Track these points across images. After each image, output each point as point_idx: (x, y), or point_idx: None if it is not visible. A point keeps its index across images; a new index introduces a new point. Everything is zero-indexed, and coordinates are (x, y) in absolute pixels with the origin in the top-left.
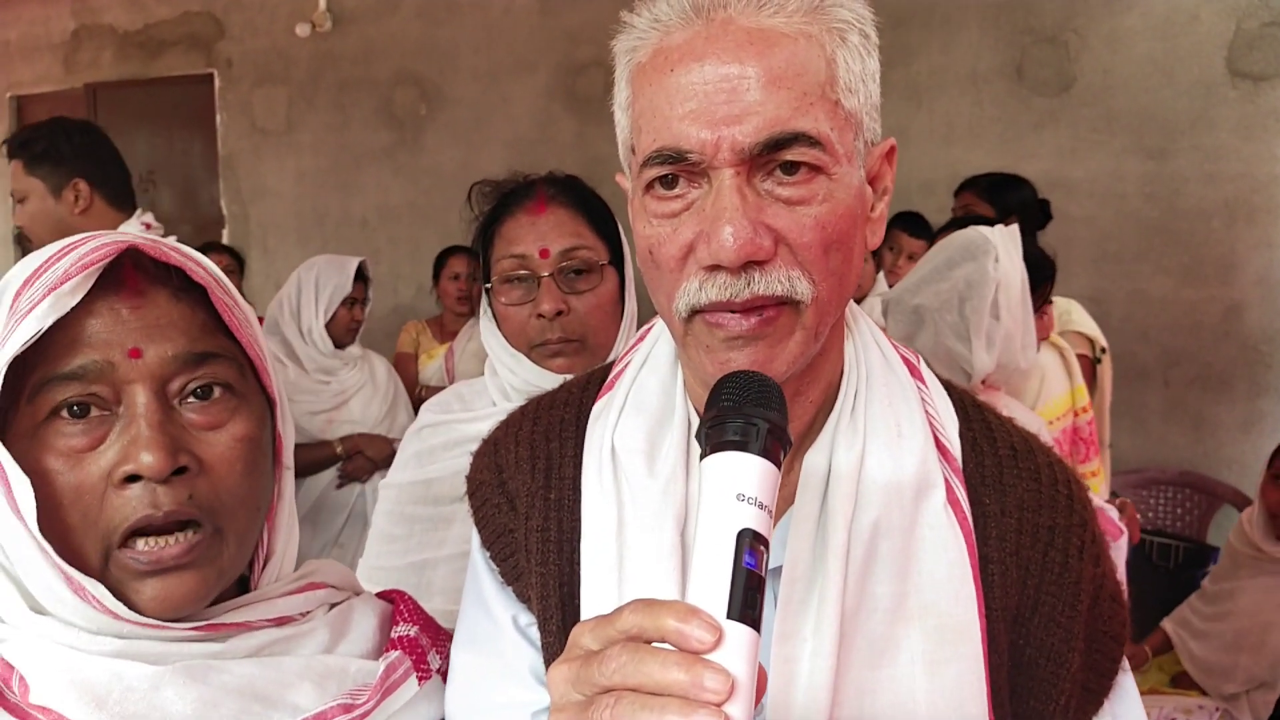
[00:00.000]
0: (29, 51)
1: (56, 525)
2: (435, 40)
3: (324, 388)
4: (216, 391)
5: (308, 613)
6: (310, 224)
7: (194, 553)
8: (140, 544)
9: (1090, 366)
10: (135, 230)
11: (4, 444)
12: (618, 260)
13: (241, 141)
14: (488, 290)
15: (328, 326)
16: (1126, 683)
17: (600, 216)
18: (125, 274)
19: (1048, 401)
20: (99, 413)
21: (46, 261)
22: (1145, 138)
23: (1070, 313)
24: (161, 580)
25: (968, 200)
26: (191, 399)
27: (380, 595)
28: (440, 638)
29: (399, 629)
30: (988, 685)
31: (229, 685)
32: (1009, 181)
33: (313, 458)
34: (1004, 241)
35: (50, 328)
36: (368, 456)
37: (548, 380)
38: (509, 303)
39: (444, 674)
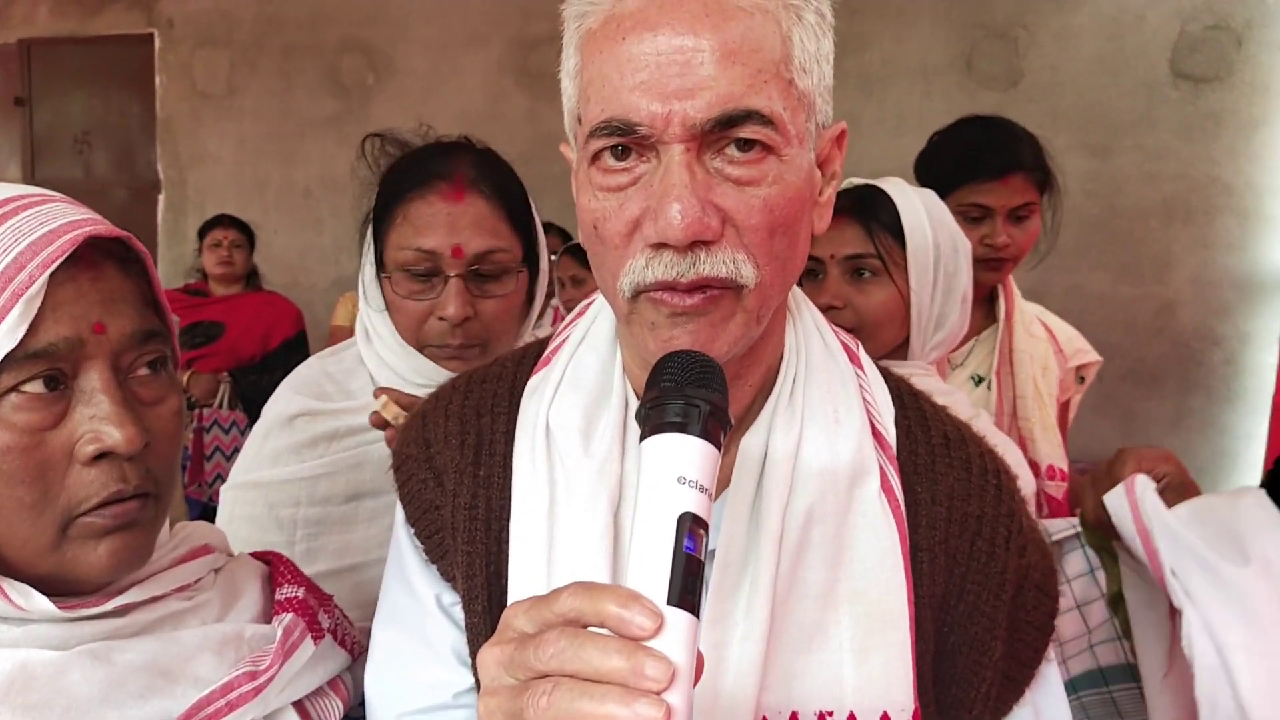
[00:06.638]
0: None
1: (8, 502)
2: (385, 8)
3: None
4: (159, 366)
5: (199, 580)
6: (250, 191)
7: (144, 511)
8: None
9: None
10: None
11: None
12: (531, 258)
13: (181, 104)
14: (383, 277)
15: None
16: (1050, 673)
17: (520, 208)
18: (80, 244)
19: None
20: (59, 388)
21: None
22: (1089, 135)
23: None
24: (120, 536)
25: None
26: (142, 371)
27: (255, 556)
28: (325, 599)
29: (284, 590)
30: (914, 672)
31: (133, 663)
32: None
33: None
34: None
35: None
36: None
37: (441, 375)
38: (405, 295)
39: (334, 633)
